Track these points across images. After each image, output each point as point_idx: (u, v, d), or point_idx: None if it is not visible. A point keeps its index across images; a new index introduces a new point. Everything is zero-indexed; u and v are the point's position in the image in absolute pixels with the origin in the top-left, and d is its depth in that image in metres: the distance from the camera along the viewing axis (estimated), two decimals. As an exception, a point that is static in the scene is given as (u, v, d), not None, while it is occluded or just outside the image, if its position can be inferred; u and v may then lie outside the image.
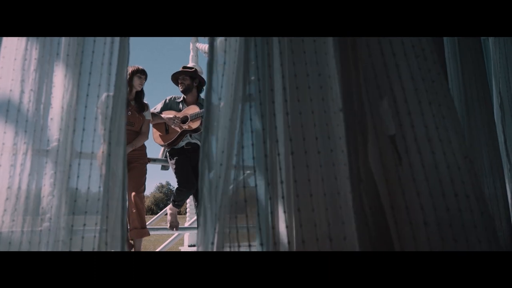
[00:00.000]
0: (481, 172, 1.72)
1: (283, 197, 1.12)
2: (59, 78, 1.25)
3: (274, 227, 1.52)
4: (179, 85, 3.77)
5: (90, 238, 1.11)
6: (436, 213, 1.15)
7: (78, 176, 1.15)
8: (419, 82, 1.24)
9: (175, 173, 3.63)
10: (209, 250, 1.04)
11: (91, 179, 1.15)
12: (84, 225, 1.11)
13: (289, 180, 1.12)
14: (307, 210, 1.11)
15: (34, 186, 1.19)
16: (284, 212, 1.08)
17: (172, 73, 3.84)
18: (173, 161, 3.66)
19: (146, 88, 3.59)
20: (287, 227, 1.08)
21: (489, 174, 1.73)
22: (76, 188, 1.16)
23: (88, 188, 1.15)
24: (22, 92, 1.26)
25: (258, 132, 1.56)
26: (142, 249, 3.38)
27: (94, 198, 1.14)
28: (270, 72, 1.17)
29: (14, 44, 1.32)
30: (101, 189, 1.14)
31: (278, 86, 1.17)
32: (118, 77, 1.19)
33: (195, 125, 3.65)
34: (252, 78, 1.14)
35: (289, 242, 1.08)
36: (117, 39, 1.23)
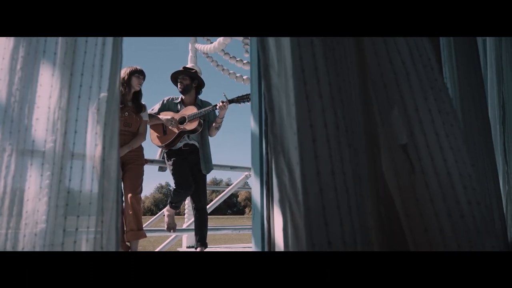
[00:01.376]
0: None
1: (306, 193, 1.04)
2: (46, 77, 1.22)
3: (270, 230, 1.49)
4: (178, 84, 3.75)
5: (82, 241, 1.08)
6: (450, 219, 1.17)
7: (70, 180, 1.12)
8: (427, 91, 1.26)
9: (173, 174, 3.61)
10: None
11: (83, 182, 1.12)
12: (76, 229, 1.08)
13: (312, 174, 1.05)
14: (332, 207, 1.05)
15: (18, 189, 1.15)
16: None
17: (172, 73, 3.82)
18: (171, 162, 3.63)
19: (144, 88, 3.56)
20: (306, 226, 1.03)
21: (484, 178, 1.73)
22: (68, 192, 1.12)
23: (80, 191, 1.12)
24: (9, 92, 1.23)
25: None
26: (142, 250, 3.36)
27: (87, 201, 1.11)
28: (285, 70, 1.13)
29: (3, 43, 1.29)
30: (94, 192, 1.11)
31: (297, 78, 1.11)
32: (111, 79, 1.16)
33: (192, 125, 3.62)
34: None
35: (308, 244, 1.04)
36: (109, 40, 1.20)
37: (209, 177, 3.93)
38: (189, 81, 3.75)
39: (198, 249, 3.58)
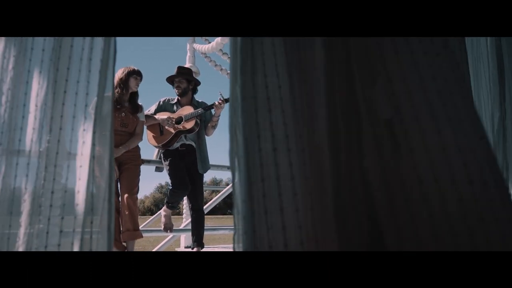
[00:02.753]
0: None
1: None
2: (34, 75, 1.21)
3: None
4: (176, 88, 3.73)
5: (68, 243, 1.07)
6: (445, 203, 1.00)
7: (54, 179, 1.11)
8: (419, 56, 1.09)
9: (169, 174, 3.61)
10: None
11: (68, 181, 1.11)
12: (61, 232, 1.07)
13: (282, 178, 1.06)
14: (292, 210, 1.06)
15: (8, 189, 1.15)
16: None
17: (168, 76, 3.80)
18: (167, 163, 3.63)
19: (142, 88, 3.56)
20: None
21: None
22: (52, 192, 1.11)
23: (66, 191, 1.11)
24: (1, 92, 1.22)
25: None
26: (142, 250, 3.36)
27: (73, 201, 1.10)
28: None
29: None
30: (81, 191, 1.10)
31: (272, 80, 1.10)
32: (101, 77, 1.14)
33: (189, 125, 3.61)
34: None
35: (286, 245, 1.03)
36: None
37: (209, 177, 3.94)
38: (186, 84, 3.73)
39: (195, 249, 3.58)
